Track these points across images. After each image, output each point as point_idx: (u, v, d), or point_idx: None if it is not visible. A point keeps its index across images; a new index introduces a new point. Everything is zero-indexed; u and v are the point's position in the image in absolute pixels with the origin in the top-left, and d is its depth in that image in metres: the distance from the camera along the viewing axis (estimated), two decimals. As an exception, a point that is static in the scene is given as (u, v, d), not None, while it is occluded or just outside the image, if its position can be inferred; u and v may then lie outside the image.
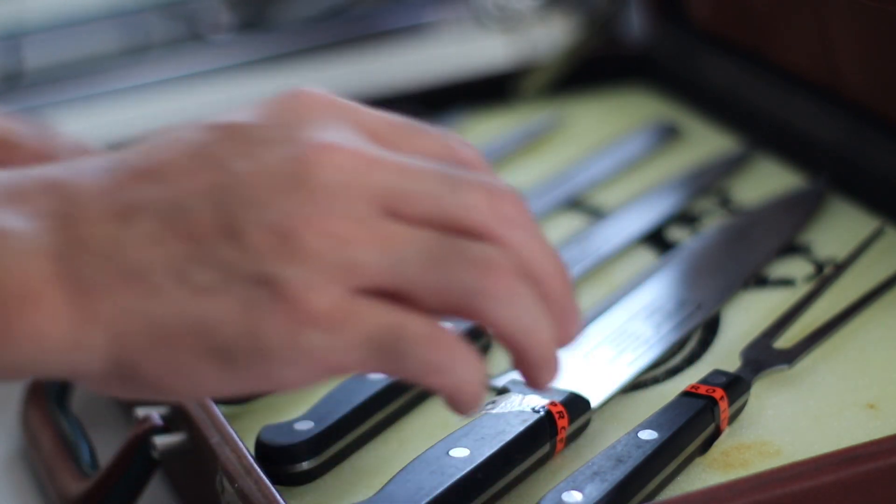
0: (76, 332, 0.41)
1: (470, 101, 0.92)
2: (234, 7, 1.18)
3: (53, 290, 0.41)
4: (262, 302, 0.41)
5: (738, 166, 0.80)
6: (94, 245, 0.41)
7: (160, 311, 0.41)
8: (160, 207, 0.42)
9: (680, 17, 0.91)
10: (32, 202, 0.42)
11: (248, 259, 0.41)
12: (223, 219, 0.41)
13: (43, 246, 0.41)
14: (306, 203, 0.42)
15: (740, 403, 0.57)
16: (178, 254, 0.41)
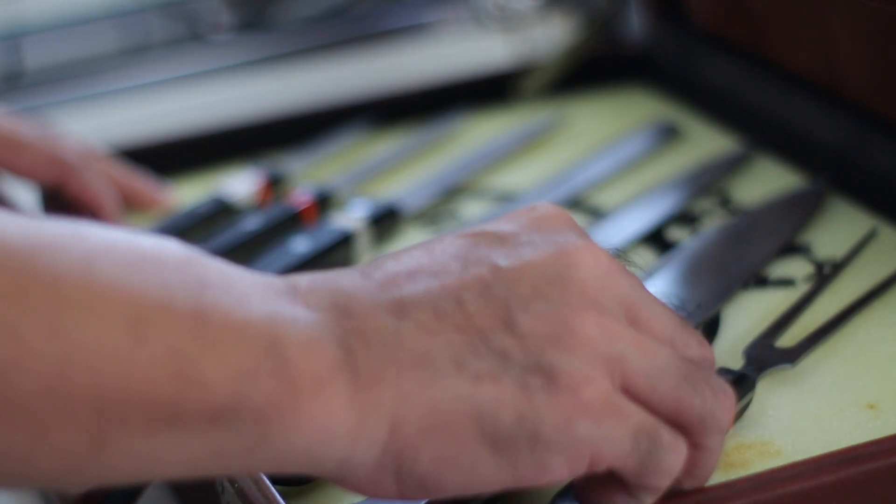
0: (359, 420, 0.41)
1: (470, 101, 0.92)
2: (234, 7, 1.18)
3: (341, 376, 0.41)
4: (539, 389, 0.43)
5: (738, 166, 0.80)
6: (373, 335, 0.42)
7: (440, 396, 0.42)
8: (433, 301, 0.43)
9: (680, 17, 0.91)
10: (312, 296, 0.43)
11: (525, 347, 0.43)
12: (496, 310, 0.43)
13: (329, 334, 0.42)
14: (574, 295, 0.44)
15: (746, 401, 0.57)
16: (455, 343, 0.43)
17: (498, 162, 0.86)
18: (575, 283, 0.44)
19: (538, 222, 0.46)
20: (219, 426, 0.40)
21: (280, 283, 0.43)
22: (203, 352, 0.39)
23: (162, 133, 0.89)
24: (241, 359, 0.40)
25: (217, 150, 0.88)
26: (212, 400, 0.39)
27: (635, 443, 0.44)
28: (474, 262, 0.44)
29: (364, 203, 0.77)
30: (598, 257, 0.45)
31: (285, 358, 0.40)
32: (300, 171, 0.85)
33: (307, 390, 0.41)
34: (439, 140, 0.89)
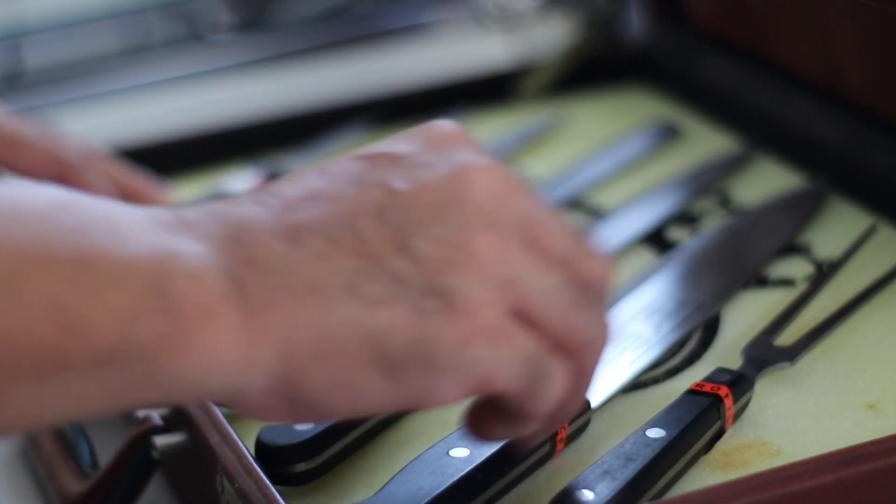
0: (248, 349, 0.41)
1: (470, 101, 0.92)
2: (234, 7, 1.18)
3: (229, 307, 0.41)
4: (434, 312, 0.42)
5: (738, 166, 0.80)
6: (264, 264, 0.42)
7: (332, 322, 0.42)
8: (327, 227, 0.43)
9: (680, 17, 0.91)
10: (201, 228, 0.43)
11: (421, 271, 0.42)
12: (392, 234, 0.43)
13: (217, 265, 0.41)
14: (470, 217, 0.43)
15: (745, 401, 0.57)
16: (349, 269, 0.42)
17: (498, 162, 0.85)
18: (471, 204, 0.44)
19: (435, 141, 0.46)
20: (107, 367, 0.40)
21: (167, 215, 0.43)
22: (84, 298, 0.39)
23: (162, 133, 0.89)
24: (123, 300, 0.40)
25: (217, 150, 0.88)
26: (97, 345, 0.39)
27: (524, 368, 0.44)
28: (370, 185, 0.44)
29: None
30: (494, 176, 0.45)
31: (170, 293, 0.40)
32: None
33: (194, 322, 0.40)
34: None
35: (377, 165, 0.45)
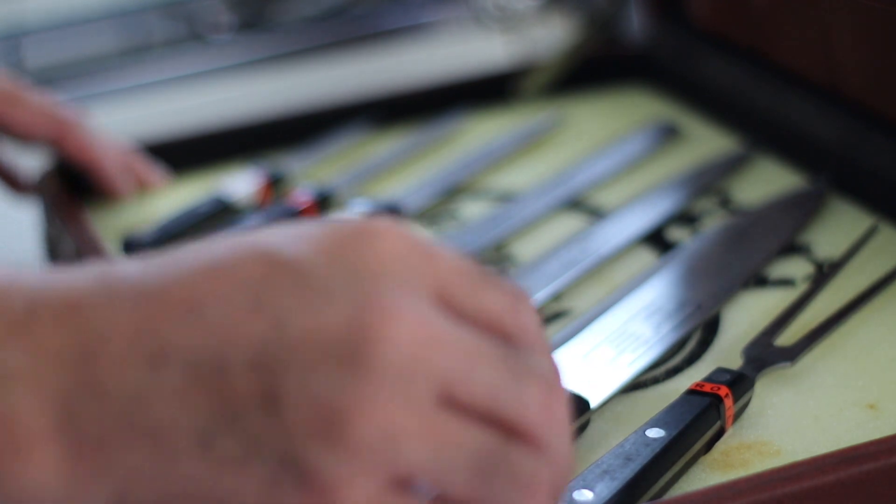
0: (73, 487, 0.37)
1: (470, 101, 0.92)
2: (234, 7, 1.18)
3: (49, 443, 0.37)
4: (287, 486, 0.37)
5: (738, 166, 0.80)
6: (109, 393, 0.37)
7: (174, 475, 0.37)
8: (195, 357, 0.37)
9: (680, 17, 0.91)
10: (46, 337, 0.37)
11: (283, 435, 0.37)
12: (264, 384, 0.37)
13: (49, 389, 0.37)
14: (361, 382, 0.37)
15: (745, 401, 0.57)
16: (204, 416, 0.37)
17: (498, 162, 0.86)
18: (368, 365, 0.37)
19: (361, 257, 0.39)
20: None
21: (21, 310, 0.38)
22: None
23: (162, 133, 0.89)
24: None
25: (217, 150, 0.88)
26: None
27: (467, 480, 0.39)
28: (262, 313, 0.37)
29: (364, 203, 0.77)
30: (409, 329, 0.38)
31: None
32: (300, 171, 0.85)
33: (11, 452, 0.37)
34: (439, 140, 0.89)
35: (278, 284, 0.38)
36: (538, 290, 0.68)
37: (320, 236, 0.39)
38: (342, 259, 0.38)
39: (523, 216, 0.77)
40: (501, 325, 0.41)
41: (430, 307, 0.39)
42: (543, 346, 0.41)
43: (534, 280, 0.69)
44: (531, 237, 0.76)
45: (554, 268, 0.70)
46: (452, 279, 0.40)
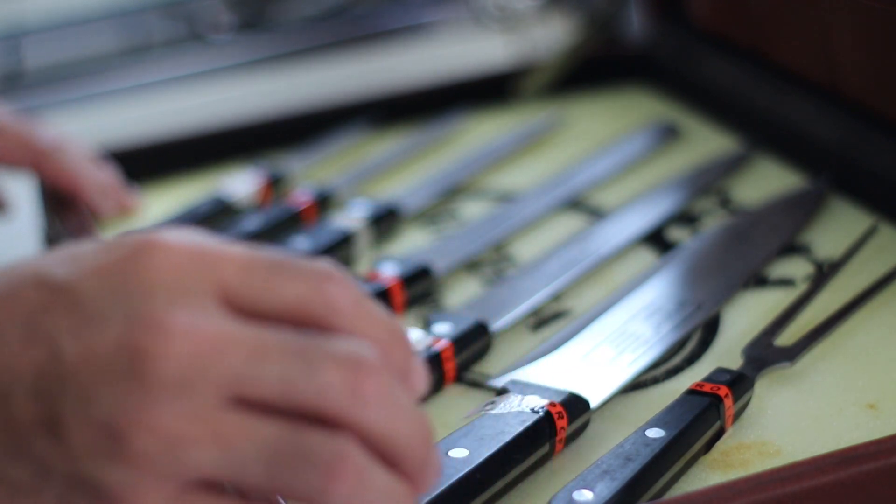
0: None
1: (470, 101, 0.92)
2: (234, 7, 1.18)
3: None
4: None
5: (738, 166, 0.80)
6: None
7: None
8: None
9: (680, 17, 0.91)
10: None
11: (68, 457, 0.38)
12: (45, 410, 0.38)
13: None
14: (137, 398, 0.38)
15: (744, 401, 0.57)
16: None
17: (498, 162, 0.86)
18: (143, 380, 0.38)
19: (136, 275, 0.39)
20: None
21: None
22: None
23: (162, 133, 0.89)
24: None
25: (217, 150, 0.88)
26: None
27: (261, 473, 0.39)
28: (36, 340, 0.38)
29: (364, 203, 0.77)
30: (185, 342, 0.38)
31: None
32: (300, 171, 0.85)
33: None
34: (439, 140, 0.89)
35: (52, 309, 0.39)
36: (538, 290, 0.68)
37: (95, 257, 0.40)
38: (114, 278, 0.39)
39: (523, 216, 0.77)
40: (303, 311, 0.41)
41: (213, 313, 0.39)
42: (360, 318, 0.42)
43: (534, 280, 0.69)
44: (531, 237, 0.76)
45: (554, 268, 0.70)
46: (237, 279, 0.40)
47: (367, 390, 0.40)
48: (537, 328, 0.66)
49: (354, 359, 0.40)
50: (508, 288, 0.68)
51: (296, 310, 0.41)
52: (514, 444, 0.53)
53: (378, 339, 0.42)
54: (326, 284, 0.41)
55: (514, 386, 0.57)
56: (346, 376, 0.40)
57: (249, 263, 0.41)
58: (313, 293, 0.41)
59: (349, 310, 0.41)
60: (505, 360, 0.63)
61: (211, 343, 0.39)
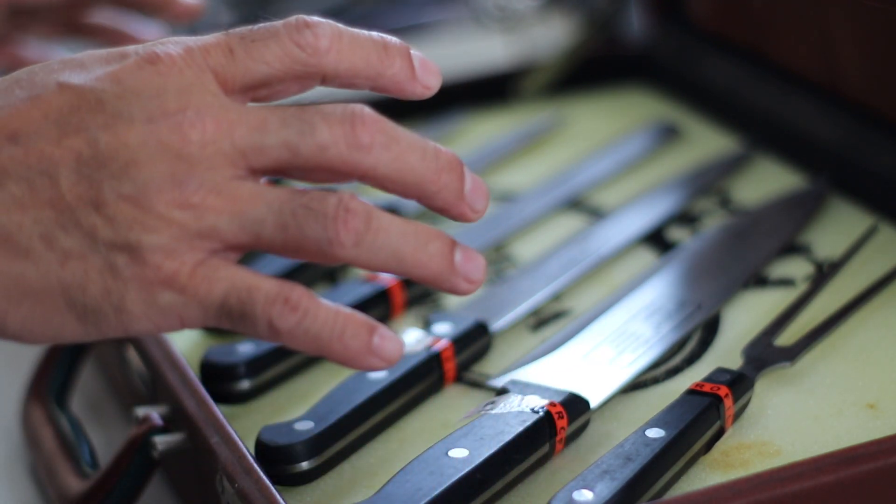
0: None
1: (470, 101, 0.92)
2: (234, 7, 1.18)
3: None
4: (122, 266, 0.44)
5: (738, 166, 0.80)
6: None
7: (27, 272, 0.44)
8: (27, 171, 0.45)
9: (680, 17, 0.91)
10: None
11: (110, 227, 0.44)
12: (87, 189, 0.44)
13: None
14: (161, 176, 0.45)
15: (745, 401, 0.57)
16: (45, 219, 0.44)
17: (498, 162, 0.86)
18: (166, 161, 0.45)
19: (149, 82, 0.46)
20: None
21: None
22: None
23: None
24: None
25: (217, 150, 0.88)
26: None
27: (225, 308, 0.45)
28: (72, 131, 0.45)
29: (364, 203, 0.77)
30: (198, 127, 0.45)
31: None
32: (300, 171, 0.85)
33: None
34: (439, 140, 0.89)
35: (82, 107, 0.45)
36: (538, 290, 0.68)
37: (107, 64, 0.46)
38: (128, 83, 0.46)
39: (523, 216, 0.77)
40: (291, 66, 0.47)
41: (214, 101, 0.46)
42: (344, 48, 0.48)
43: (534, 280, 0.69)
44: (531, 237, 0.76)
45: (554, 268, 0.70)
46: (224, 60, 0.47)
47: (363, 138, 0.46)
48: (537, 328, 0.66)
49: (348, 113, 0.46)
50: (508, 288, 0.68)
51: (284, 67, 0.47)
52: (514, 444, 0.53)
53: (367, 58, 0.48)
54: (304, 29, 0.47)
55: (514, 386, 0.57)
56: (342, 130, 0.46)
57: (228, 42, 0.47)
58: (291, 45, 0.47)
59: (332, 45, 0.48)
60: (505, 360, 0.63)
61: (217, 125, 0.45)
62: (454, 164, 0.50)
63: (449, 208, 0.50)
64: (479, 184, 0.52)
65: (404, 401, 0.59)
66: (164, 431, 0.58)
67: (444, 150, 0.50)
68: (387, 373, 0.59)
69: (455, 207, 0.50)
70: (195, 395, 0.58)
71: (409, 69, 0.49)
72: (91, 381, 0.72)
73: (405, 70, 0.49)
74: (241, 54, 0.47)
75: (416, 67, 0.49)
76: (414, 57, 0.49)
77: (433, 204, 0.49)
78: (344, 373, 0.60)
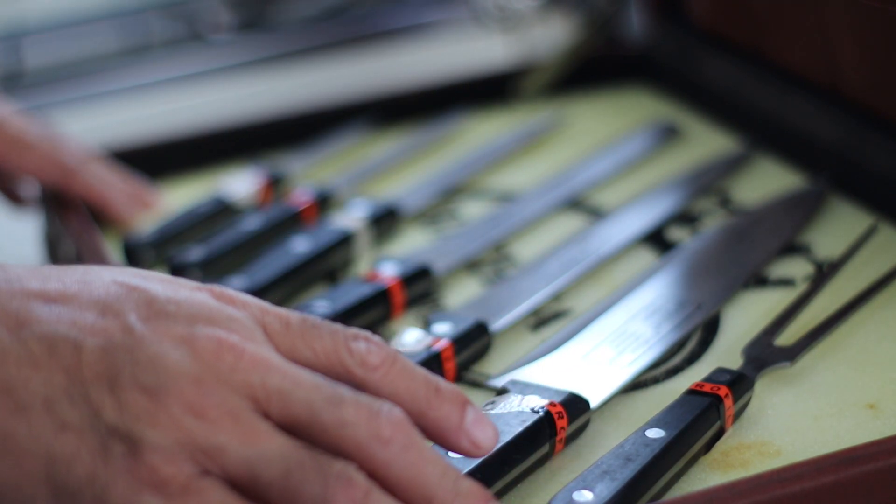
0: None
1: (470, 101, 0.92)
2: (234, 7, 1.18)
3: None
4: (117, 454, 0.43)
5: (738, 166, 0.80)
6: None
7: (19, 430, 0.43)
8: (55, 330, 0.44)
9: (680, 17, 0.91)
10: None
11: (118, 411, 0.43)
12: (108, 368, 0.44)
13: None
14: (185, 382, 0.44)
15: (744, 401, 0.57)
16: (55, 383, 0.43)
17: (498, 162, 0.86)
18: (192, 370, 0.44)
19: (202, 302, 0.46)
20: None
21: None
22: None
23: (162, 133, 0.89)
24: None
25: (217, 150, 0.88)
26: None
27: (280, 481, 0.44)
28: (111, 314, 0.45)
29: (364, 203, 0.77)
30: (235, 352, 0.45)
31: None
32: (300, 171, 0.85)
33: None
34: (439, 140, 0.89)
35: (130, 298, 0.46)
36: (538, 290, 0.68)
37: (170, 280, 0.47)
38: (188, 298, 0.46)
39: (523, 216, 0.77)
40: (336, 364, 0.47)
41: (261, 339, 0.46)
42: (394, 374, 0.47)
43: (534, 280, 0.69)
44: (531, 237, 0.76)
45: (554, 268, 0.70)
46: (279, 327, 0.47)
47: (385, 430, 0.45)
48: (537, 328, 0.66)
49: (378, 404, 0.45)
50: (508, 288, 0.68)
51: (329, 362, 0.47)
52: (514, 444, 0.53)
53: (414, 393, 0.47)
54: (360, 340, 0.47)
55: (514, 386, 0.57)
56: (368, 414, 0.45)
57: (289, 316, 0.47)
58: (343, 348, 0.47)
59: (382, 365, 0.47)
60: (505, 360, 0.63)
61: (255, 359, 0.45)
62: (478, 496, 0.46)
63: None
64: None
65: (404, 401, 0.59)
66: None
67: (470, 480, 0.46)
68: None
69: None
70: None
71: (458, 418, 0.47)
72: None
73: (453, 417, 0.47)
74: (295, 331, 0.47)
75: (466, 419, 0.47)
76: (468, 409, 0.47)
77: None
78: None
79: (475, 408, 0.48)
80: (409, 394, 0.47)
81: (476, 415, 0.47)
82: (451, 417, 0.47)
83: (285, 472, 0.44)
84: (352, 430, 0.45)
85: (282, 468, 0.44)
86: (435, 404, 0.47)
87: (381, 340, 0.48)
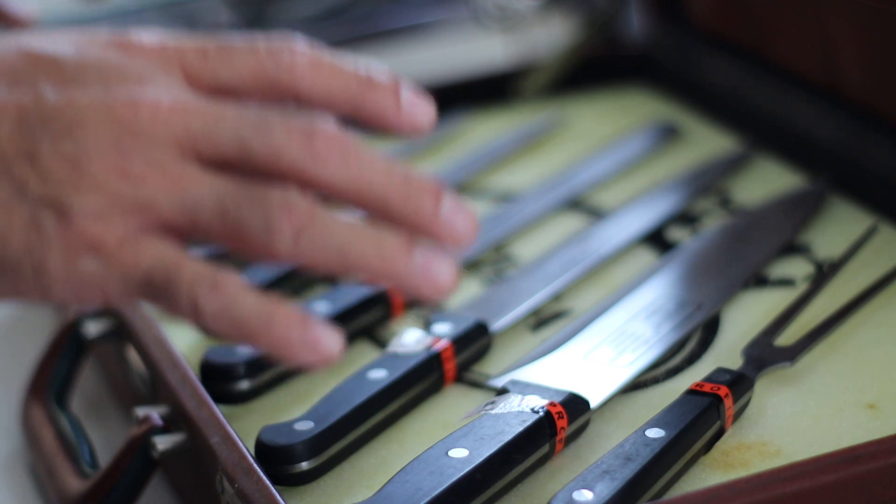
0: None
1: (470, 101, 0.92)
2: (234, 7, 1.18)
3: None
4: (48, 224, 0.43)
5: (738, 166, 0.80)
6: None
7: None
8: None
9: (680, 17, 0.91)
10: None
11: (41, 181, 0.43)
12: (25, 143, 0.44)
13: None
14: (105, 142, 0.44)
15: (744, 401, 0.57)
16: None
17: (498, 162, 0.86)
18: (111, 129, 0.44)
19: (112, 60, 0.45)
20: None
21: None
22: None
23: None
24: None
25: (217, 150, 0.88)
26: None
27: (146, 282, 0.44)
28: (22, 86, 0.44)
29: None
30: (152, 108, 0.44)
31: None
32: (300, 171, 0.85)
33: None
34: (439, 140, 0.89)
35: (38, 69, 0.45)
36: (538, 290, 0.68)
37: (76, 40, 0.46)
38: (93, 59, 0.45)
39: (523, 216, 0.77)
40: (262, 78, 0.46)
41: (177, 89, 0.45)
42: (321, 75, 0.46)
43: (534, 280, 0.69)
44: (531, 237, 0.76)
45: (554, 268, 0.70)
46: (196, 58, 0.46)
47: (319, 149, 0.44)
48: (537, 328, 0.66)
49: (310, 125, 0.44)
50: (508, 288, 0.68)
51: (255, 78, 0.46)
52: (514, 444, 0.53)
53: (346, 87, 0.46)
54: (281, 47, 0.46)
55: (514, 386, 0.57)
56: (299, 137, 0.44)
57: (205, 45, 0.46)
58: (266, 59, 0.46)
59: (309, 66, 0.46)
60: (505, 360, 0.63)
61: (173, 108, 0.44)
62: (427, 187, 0.47)
63: (422, 231, 0.46)
64: (460, 208, 0.48)
65: (404, 401, 0.59)
66: (164, 431, 0.58)
67: (418, 175, 0.46)
68: (387, 373, 0.59)
69: (429, 228, 0.46)
70: (195, 395, 0.58)
71: (393, 102, 0.47)
72: (91, 381, 0.72)
73: (389, 102, 0.47)
74: (213, 57, 0.46)
75: (402, 102, 0.47)
76: (403, 92, 0.47)
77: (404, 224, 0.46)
78: (344, 373, 0.60)
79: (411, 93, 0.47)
80: (341, 88, 0.46)
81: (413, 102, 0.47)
82: (387, 100, 0.47)
83: (221, 211, 0.43)
84: (287, 156, 0.44)
85: (216, 207, 0.43)
86: (369, 92, 0.46)
87: (304, 43, 0.47)
